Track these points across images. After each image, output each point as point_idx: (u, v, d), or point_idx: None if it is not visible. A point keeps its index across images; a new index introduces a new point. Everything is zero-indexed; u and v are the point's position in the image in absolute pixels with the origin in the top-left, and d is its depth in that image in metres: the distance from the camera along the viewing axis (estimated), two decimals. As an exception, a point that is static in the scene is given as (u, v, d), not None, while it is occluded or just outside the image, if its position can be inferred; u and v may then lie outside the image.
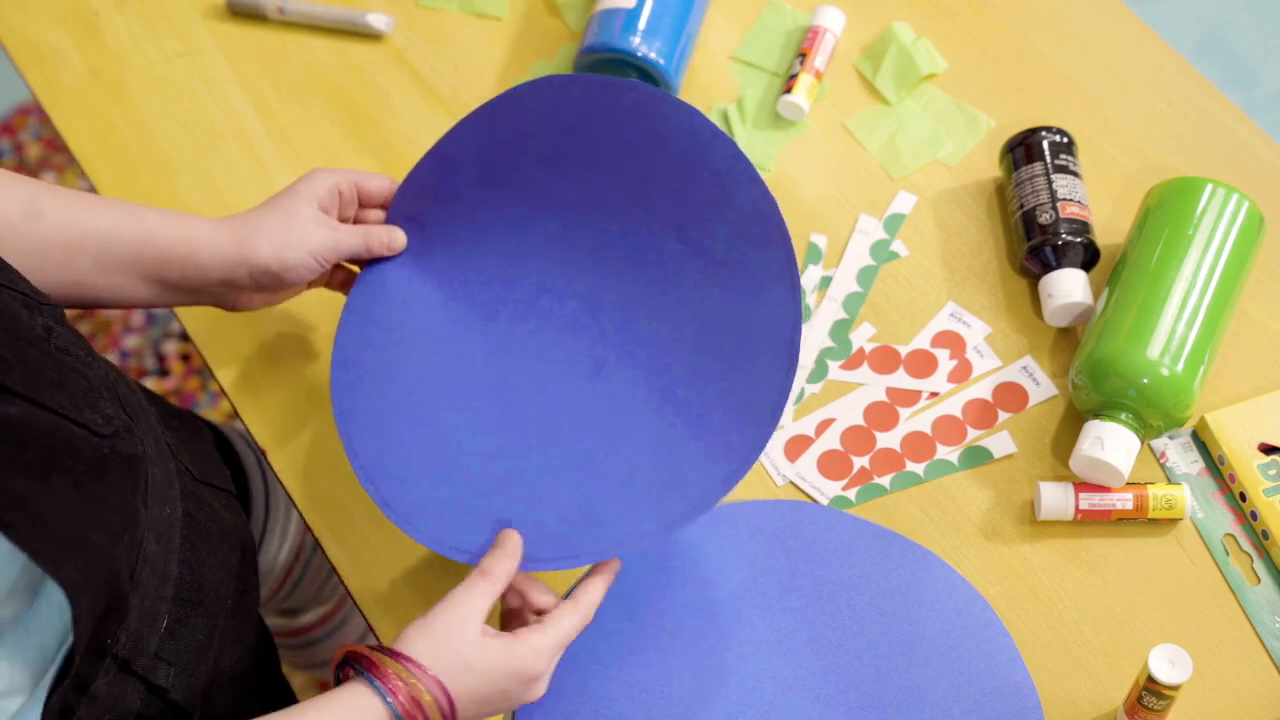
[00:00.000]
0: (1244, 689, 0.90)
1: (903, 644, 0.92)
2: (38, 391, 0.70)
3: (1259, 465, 0.96)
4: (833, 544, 0.95)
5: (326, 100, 1.15)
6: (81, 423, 0.73)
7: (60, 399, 0.72)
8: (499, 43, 1.17)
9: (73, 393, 0.74)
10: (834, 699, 0.90)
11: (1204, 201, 0.99)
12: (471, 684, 0.79)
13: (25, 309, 0.75)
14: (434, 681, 0.78)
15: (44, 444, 0.70)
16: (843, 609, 0.93)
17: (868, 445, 0.99)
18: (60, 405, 0.72)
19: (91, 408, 0.75)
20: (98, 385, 0.78)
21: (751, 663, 0.91)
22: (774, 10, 1.18)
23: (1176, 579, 0.94)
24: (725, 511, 0.97)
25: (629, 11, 1.09)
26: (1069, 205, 1.03)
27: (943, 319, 1.04)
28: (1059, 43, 1.16)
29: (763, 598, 0.93)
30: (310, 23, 1.18)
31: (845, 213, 1.09)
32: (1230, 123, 1.12)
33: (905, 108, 1.13)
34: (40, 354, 0.72)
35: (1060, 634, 0.93)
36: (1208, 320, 0.96)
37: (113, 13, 1.19)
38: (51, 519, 0.69)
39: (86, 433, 0.73)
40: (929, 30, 1.16)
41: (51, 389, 0.72)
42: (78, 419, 0.73)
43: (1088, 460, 0.94)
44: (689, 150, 0.89)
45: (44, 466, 0.69)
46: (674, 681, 0.91)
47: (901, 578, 0.94)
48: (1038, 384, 1.01)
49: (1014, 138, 1.07)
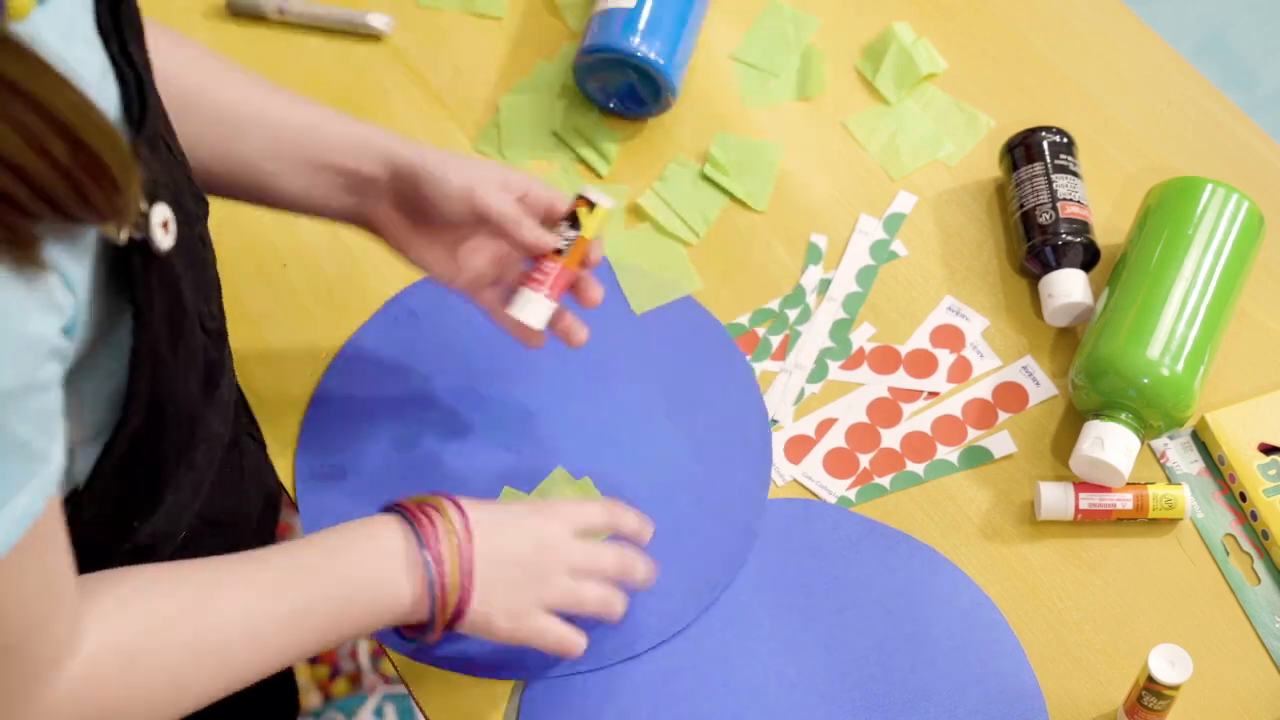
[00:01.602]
0: (1244, 689, 0.90)
1: (909, 644, 0.92)
2: (185, 259, 0.72)
3: (1259, 465, 0.96)
4: (840, 543, 0.95)
5: (326, 100, 1.14)
6: (195, 311, 0.75)
7: (195, 276, 0.74)
8: (499, 43, 1.17)
9: (198, 281, 0.75)
10: (839, 698, 0.90)
11: (1204, 201, 0.99)
12: (489, 522, 0.83)
13: (189, 183, 0.76)
14: (454, 506, 0.82)
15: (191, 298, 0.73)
16: (849, 608, 0.93)
17: (873, 442, 0.99)
18: (191, 283, 0.73)
19: (206, 299, 0.77)
20: (214, 280, 0.80)
21: (757, 661, 0.91)
22: (774, 10, 1.18)
23: (1176, 579, 0.94)
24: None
25: (629, 11, 1.09)
26: (1069, 205, 1.03)
27: (941, 313, 1.04)
28: (1059, 43, 1.16)
29: (769, 596, 0.93)
30: (310, 23, 1.18)
31: (845, 213, 1.09)
32: (1230, 123, 1.12)
33: (905, 108, 1.13)
34: (189, 230, 0.74)
35: (1060, 634, 0.93)
36: (1208, 320, 0.96)
37: (113, 13, 1.19)
38: (162, 349, 0.71)
39: (198, 322, 0.75)
40: (929, 30, 1.16)
41: (193, 264, 0.74)
42: (192, 306, 0.74)
43: (1088, 460, 0.94)
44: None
45: (181, 326, 0.72)
46: (679, 679, 0.91)
47: (908, 578, 0.94)
48: (1038, 384, 1.01)
49: (1014, 138, 1.07)
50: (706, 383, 1.01)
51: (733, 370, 1.01)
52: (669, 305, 1.04)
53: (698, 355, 1.02)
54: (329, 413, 1.00)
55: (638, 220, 1.08)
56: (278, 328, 1.04)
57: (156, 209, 0.66)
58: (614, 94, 1.12)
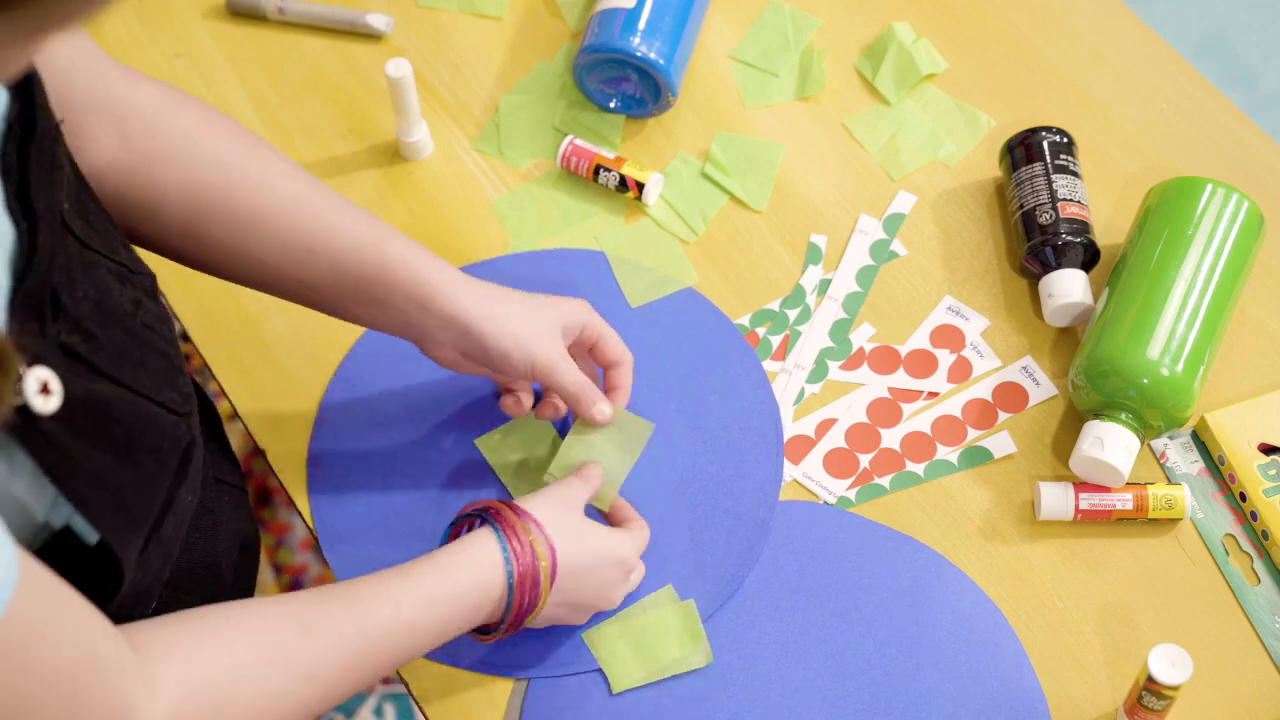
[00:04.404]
0: (1244, 689, 0.90)
1: (911, 647, 0.92)
2: (121, 372, 0.71)
3: (1259, 465, 0.96)
4: (843, 546, 0.95)
5: (326, 100, 1.15)
6: (160, 401, 0.74)
7: (141, 378, 0.72)
8: (499, 43, 1.17)
9: (153, 372, 0.74)
10: (842, 701, 0.90)
11: (1204, 201, 0.99)
12: (575, 555, 0.86)
13: (118, 281, 0.74)
14: (548, 546, 0.85)
15: (129, 422, 0.71)
16: (852, 611, 0.93)
17: (873, 443, 0.99)
18: (140, 385, 0.72)
19: (170, 386, 0.76)
20: (177, 363, 0.78)
21: (760, 663, 0.91)
22: (774, 10, 1.18)
23: (1176, 579, 0.94)
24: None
25: (629, 11, 1.09)
26: (1069, 205, 1.03)
27: (940, 313, 1.04)
28: (1059, 43, 1.16)
29: (772, 598, 0.93)
30: (310, 23, 1.18)
31: (845, 213, 1.09)
32: (1230, 123, 1.12)
33: (905, 108, 1.13)
34: (124, 333, 0.73)
35: (1060, 634, 0.93)
36: (1208, 320, 0.96)
37: (112, 12, 1.19)
38: (130, 498, 0.70)
39: (165, 410, 0.74)
40: (929, 30, 1.16)
41: (134, 369, 0.72)
42: (156, 398, 0.73)
43: (1088, 460, 0.94)
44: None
45: (128, 445, 0.70)
46: (681, 680, 0.91)
47: (912, 580, 0.94)
48: (1038, 384, 1.01)
49: (1014, 138, 1.07)
50: (718, 379, 1.01)
51: (744, 366, 1.01)
52: (678, 303, 1.04)
53: (708, 351, 1.02)
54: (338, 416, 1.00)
55: (637, 216, 1.08)
56: (278, 326, 1.04)
57: (32, 373, 0.63)
58: (614, 94, 1.12)
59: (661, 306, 1.04)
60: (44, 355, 0.64)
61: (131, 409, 0.71)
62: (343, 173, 1.11)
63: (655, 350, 1.02)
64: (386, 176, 1.11)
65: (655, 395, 1.00)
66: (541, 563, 0.84)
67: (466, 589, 0.82)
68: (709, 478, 0.97)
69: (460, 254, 1.07)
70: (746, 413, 0.99)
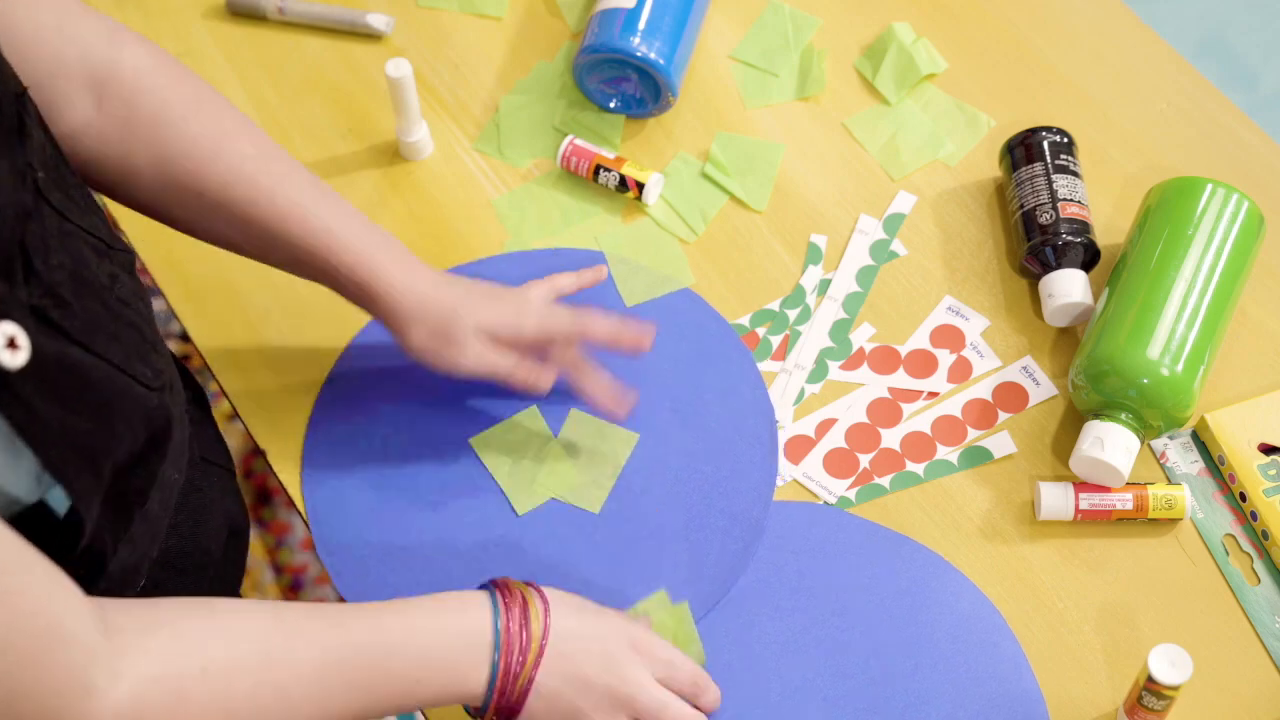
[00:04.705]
0: (1244, 689, 0.90)
1: (910, 647, 0.92)
2: (93, 341, 0.71)
3: (1259, 465, 0.96)
4: (843, 546, 0.95)
5: (326, 100, 1.15)
6: (132, 374, 0.74)
7: (114, 350, 0.73)
8: (499, 42, 1.17)
9: (126, 345, 0.74)
10: (841, 701, 0.90)
11: (1204, 201, 0.99)
12: (574, 617, 0.81)
13: (95, 254, 0.75)
14: (541, 599, 0.81)
15: (100, 389, 0.71)
16: (851, 611, 0.93)
17: (873, 443, 0.99)
18: (112, 355, 0.72)
19: (142, 360, 0.76)
20: (151, 339, 0.79)
21: (759, 663, 0.91)
22: (774, 10, 1.18)
23: (1176, 579, 0.94)
24: (725, 511, 0.97)
25: (629, 11, 1.09)
26: (1069, 205, 1.03)
27: (940, 313, 1.04)
28: (1059, 43, 1.16)
29: (771, 598, 0.93)
30: (310, 23, 1.18)
31: (845, 213, 1.09)
32: (1230, 123, 1.12)
33: (905, 108, 1.13)
34: (99, 304, 0.73)
35: (1060, 634, 0.93)
36: (1208, 320, 0.96)
37: (112, 13, 1.19)
38: (101, 463, 0.70)
39: (135, 383, 0.74)
40: (929, 30, 1.16)
41: (106, 340, 0.72)
42: (128, 370, 0.73)
43: (1088, 460, 0.94)
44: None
45: (99, 411, 0.70)
46: (674, 681, 0.91)
47: (911, 581, 0.94)
48: (1038, 384, 1.01)
49: (1014, 138, 1.07)
50: (713, 379, 1.01)
51: (740, 366, 1.01)
52: (675, 303, 1.04)
53: (704, 352, 1.02)
54: (333, 413, 1.00)
55: (637, 216, 1.08)
56: (278, 326, 1.04)
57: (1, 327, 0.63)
58: (614, 94, 1.12)
59: (657, 307, 1.04)
60: (10, 311, 0.64)
61: (104, 378, 0.71)
62: (343, 173, 1.11)
63: (651, 351, 1.02)
64: (386, 176, 1.11)
65: (650, 395, 1.00)
66: (532, 608, 0.80)
67: (450, 621, 0.78)
68: (704, 478, 0.97)
69: (460, 254, 1.07)
70: (742, 413, 0.99)
